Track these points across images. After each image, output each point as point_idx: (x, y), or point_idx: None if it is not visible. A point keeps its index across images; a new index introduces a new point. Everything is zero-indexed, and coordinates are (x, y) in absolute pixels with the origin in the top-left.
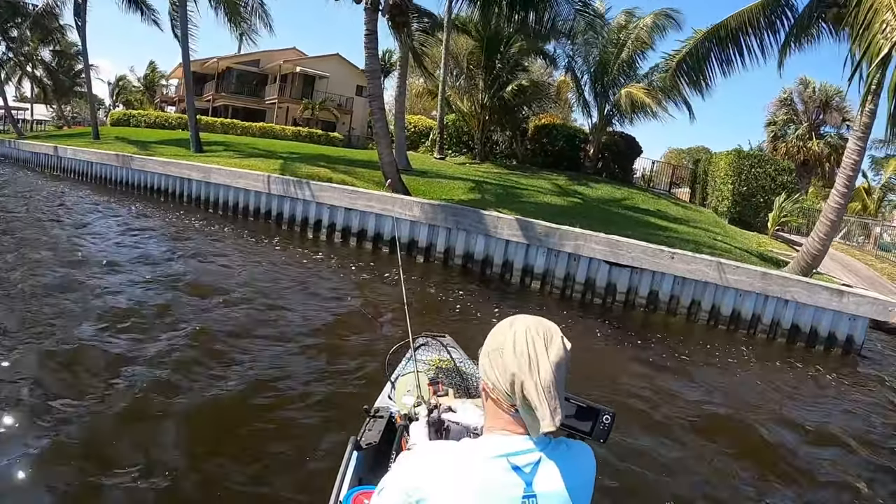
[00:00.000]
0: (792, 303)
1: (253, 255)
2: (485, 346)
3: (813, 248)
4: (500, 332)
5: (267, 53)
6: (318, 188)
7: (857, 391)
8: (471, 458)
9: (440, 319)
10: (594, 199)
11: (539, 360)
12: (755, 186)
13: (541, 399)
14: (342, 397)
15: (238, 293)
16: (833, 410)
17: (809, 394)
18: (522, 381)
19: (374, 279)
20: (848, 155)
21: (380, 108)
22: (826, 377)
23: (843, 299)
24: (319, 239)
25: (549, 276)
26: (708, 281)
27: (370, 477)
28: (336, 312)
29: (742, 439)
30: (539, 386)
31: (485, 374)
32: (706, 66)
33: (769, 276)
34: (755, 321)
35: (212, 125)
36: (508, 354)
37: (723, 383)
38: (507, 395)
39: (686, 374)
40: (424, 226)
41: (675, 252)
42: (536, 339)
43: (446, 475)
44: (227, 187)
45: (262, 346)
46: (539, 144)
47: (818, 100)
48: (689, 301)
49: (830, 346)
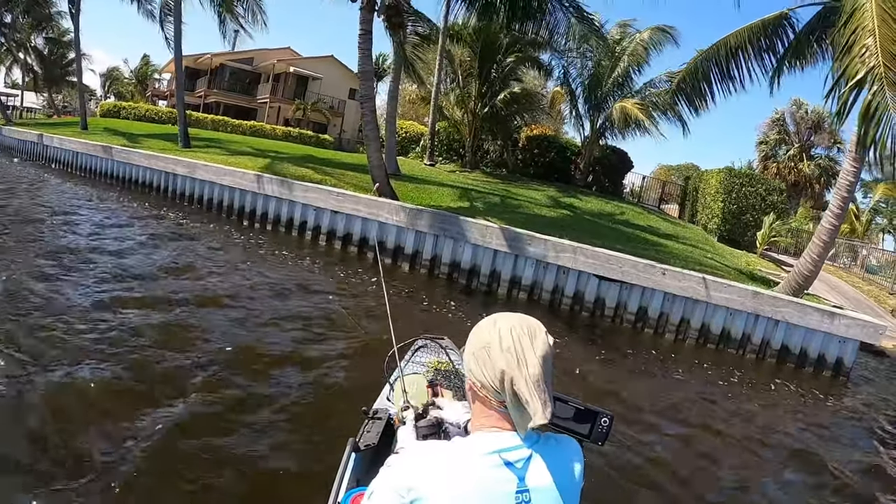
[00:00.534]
0: (783, 323)
1: (234, 255)
2: (469, 345)
3: (805, 269)
4: (485, 331)
5: (261, 52)
6: (304, 189)
7: (845, 417)
8: (463, 456)
9: (424, 329)
10: (584, 212)
11: (526, 355)
12: (745, 205)
13: (531, 393)
14: (326, 400)
15: (214, 293)
16: (820, 438)
17: (799, 419)
18: (512, 376)
19: (356, 284)
20: (843, 176)
21: (371, 110)
22: (815, 401)
23: (835, 321)
24: (304, 240)
25: (537, 288)
26: (698, 298)
27: (368, 478)
28: (315, 317)
29: (732, 463)
30: (529, 381)
31: (471, 373)
32: (705, 87)
33: (760, 295)
34: (745, 341)
35: (202, 121)
36: (496, 352)
37: (711, 405)
38: (497, 393)
39: (672, 392)
40: (411, 232)
41: (666, 268)
42: (522, 336)
43: (440, 473)
44: (213, 184)
45: (240, 349)
46: (530, 155)
47: (810, 121)
48: (679, 318)
49: (820, 369)
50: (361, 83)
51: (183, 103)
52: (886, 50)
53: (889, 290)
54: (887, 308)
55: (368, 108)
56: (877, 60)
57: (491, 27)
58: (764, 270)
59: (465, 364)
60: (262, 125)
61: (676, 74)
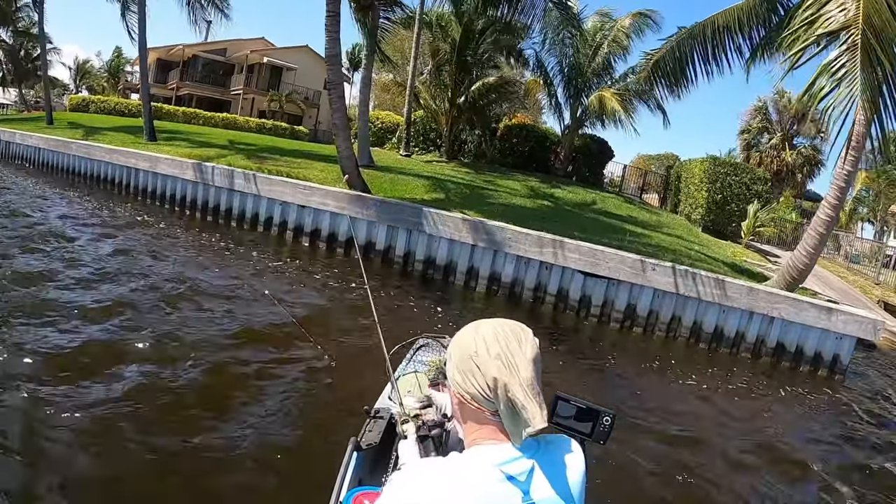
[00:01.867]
0: (778, 320)
1: (194, 254)
2: (451, 358)
3: (799, 262)
4: (467, 340)
5: (235, 42)
6: (269, 182)
7: (843, 419)
8: (464, 473)
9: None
10: (565, 203)
11: (517, 359)
12: (730, 195)
13: (527, 397)
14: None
15: (176, 295)
16: (818, 441)
17: (797, 423)
18: (506, 382)
19: (334, 287)
20: (840, 165)
21: (339, 96)
22: (813, 402)
23: (832, 318)
24: (270, 237)
25: (517, 286)
26: (690, 295)
27: (370, 478)
28: (279, 321)
29: (728, 470)
30: (523, 384)
31: (458, 386)
32: (687, 67)
33: (756, 291)
34: (738, 339)
35: (173, 114)
36: (484, 359)
37: (704, 407)
38: (489, 402)
39: (665, 395)
40: (383, 226)
41: (656, 263)
42: (509, 340)
43: (442, 493)
44: (175, 178)
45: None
46: (509, 145)
47: (794, 110)
48: (670, 316)
49: (816, 367)
50: (329, 68)
51: (148, 95)
52: (867, 15)
53: (874, 280)
54: (873, 298)
55: (336, 95)
56: (855, 19)
57: (466, 13)
58: (750, 261)
59: (450, 378)
60: (234, 117)
61: (654, 53)
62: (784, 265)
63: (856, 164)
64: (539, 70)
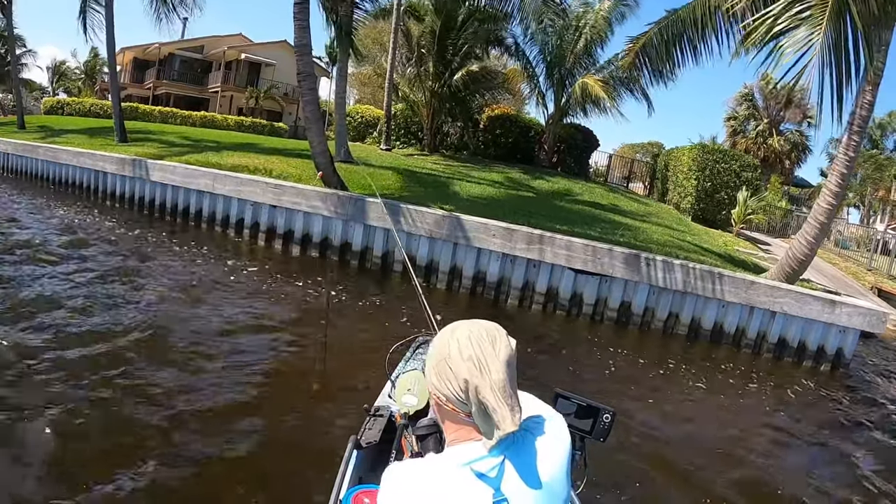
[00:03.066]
0: (780, 315)
1: (162, 259)
2: (429, 359)
3: (799, 253)
4: (443, 342)
5: (212, 39)
6: (239, 182)
7: (850, 419)
8: (435, 474)
9: (369, 349)
10: (551, 194)
11: (488, 361)
12: (719, 182)
13: (498, 400)
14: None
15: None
16: (822, 445)
17: (804, 427)
18: (476, 385)
19: (298, 293)
20: (842, 150)
21: (311, 88)
22: (818, 400)
23: (836, 311)
24: (242, 240)
25: (504, 285)
26: (688, 291)
27: (370, 476)
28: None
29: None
30: (494, 387)
31: (435, 388)
32: (674, 50)
33: (757, 285)
34: (739, 335)
35: (150, 114)
36: (457, 361)
37: (705, 408)
38: (462, 404)
39: (660, 396)
40: (359, 226)
41: (651, 257)
42: (482, 341)
43: (414, 494)
44: (143, 181)
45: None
46: (492, 136)
47: (781, 96)
48: (667, 313)
49: (819, 362)
50: (298, 59)
51: (118, 95)
52: None
53: (866, 266)
54: (867, 285)
55: (307, 87)
56: None
57: (447, 1)
58: (743, 250)
59: (427, 380)
60: (213, 115)
61: (639, 37)
62: (783, 256)
63: (857, 150)
64: (521, 59)
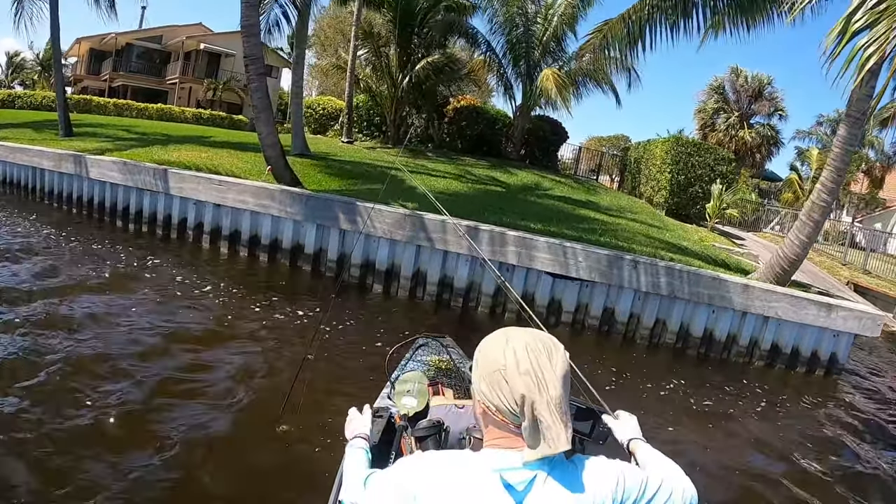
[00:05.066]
0: (773, 320)
1: (84, 268)
2: (479, 367)
3: (791, 253)
4: (496, 351)
5: (170, 29)
6: (180, 178)
7: (844, 428)
8: (465, 471)
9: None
10: (519, 189)
11: (546, 376)
12: (693, 176)
13: (554, 418)
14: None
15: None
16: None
17: (795, 434)
18: (533, 401)
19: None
20: (838, 144)
21: (259, 73)
22: (814, 409)
23: (832, 315)
24: (185, 242)
25: (473, 292)
26: (677, 296)
27: None
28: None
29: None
30: (551, 404)
31: (484, 396)
32: (645, 29)
33: (751, 289)
34: (730, 342)
35: (104, 106)
36: (513, 375)
37: (695, 422)
38: (514, 416)
39: (649, 407)
40: (311, 226)
41: (638, 259)
42: (539, 355)
43: (439, 484)
44: (82, 178)
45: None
46: (458, 128)
47: (751, 89)
48: (653, 320)
49: (812, 368)
50: (245, 40)
51: (63, 86)
52: None
53: (841, 260)
54: (842, 280)
55: (255, 72)
56: None
57: None
58: (719, 246)
59: (475, 386)
60: (170, 108)
61: (607, 22)
62: (772, 256)
63: (855, 143)
64: (487, 48)
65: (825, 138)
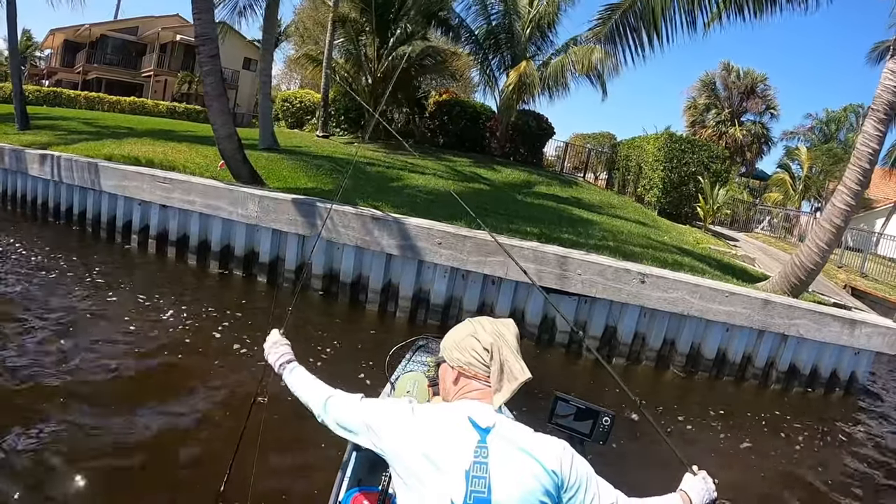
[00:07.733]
0: (793, 338)
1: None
2: (451, 342)
3: (809, 261)
4: (466, 327)
5: (146, 20)
6: (122, 175)
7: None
8: (438, 410)
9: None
10: (506, 187)
11: (505, 334)
12: (686, 174)
13: (515, 356)
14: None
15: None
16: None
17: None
18: (499, 346)
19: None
20: (864, 143)
21: (211, 55)
22: (836, 435)
23: (856, 331)
24: (131, 247)
25: (453, 308)
26: (688, 314)
27: (369, 478)
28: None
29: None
30: (511, 348)
31: (458, 361)
32: (662, 21)
33: (772, 304)
34: (745, 363)
35: (75, 99)
36: (482, 334)
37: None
38: (484, 366)
39: (650, 446)
40: (267, 231)
41: (646, 272)
42: (496, 323)
43: (415, 420)
44: (25, 175)
45: None
46: (439, 123)
47: (743, 86)
48: (661, 341)
49: (831, 388)
50: (196, 18)
51: (19, 76)
52: None
53: (836, 263)
54: (839, 283)
55: (207, 53)
56: None
57: None
58: (715, 248)
59: (447, 356)
60: (143, 101)
61: (617, 6)
62: (788, 264)
63: (882, 141)
64: (469, 36)
65: (813, 137)
